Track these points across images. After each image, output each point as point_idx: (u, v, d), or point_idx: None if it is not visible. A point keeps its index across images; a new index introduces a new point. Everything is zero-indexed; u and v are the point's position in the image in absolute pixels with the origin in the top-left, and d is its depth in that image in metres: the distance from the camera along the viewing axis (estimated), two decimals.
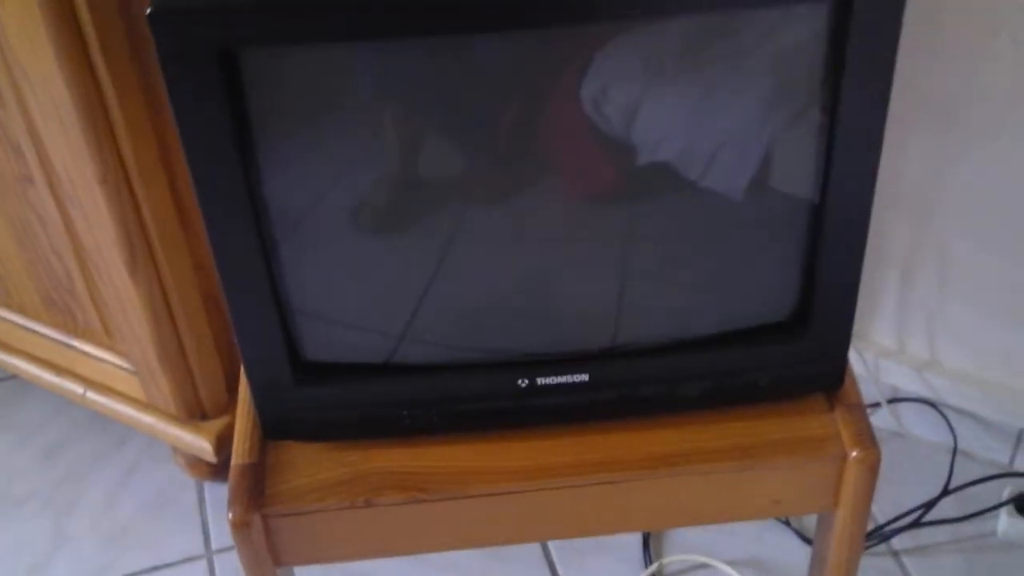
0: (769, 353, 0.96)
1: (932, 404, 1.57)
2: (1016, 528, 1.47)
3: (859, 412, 0.99)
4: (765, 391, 0.98)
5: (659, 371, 0.96)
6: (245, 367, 0.93)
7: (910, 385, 1.57)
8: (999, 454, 1.57)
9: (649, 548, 1.48)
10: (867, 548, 1.48)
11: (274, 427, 0.96)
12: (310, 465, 0.98)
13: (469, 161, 0.87)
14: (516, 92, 0.84)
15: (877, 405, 1.60)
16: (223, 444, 1.44)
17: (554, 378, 0.95)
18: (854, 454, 0.96)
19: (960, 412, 1.56)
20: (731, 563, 1.45)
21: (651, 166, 0.87)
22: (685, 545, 1.48)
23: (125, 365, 1.44)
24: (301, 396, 0.94)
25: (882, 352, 1.57)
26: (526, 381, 0.95)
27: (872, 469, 0.97)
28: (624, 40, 0.82)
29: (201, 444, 1.46)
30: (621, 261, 0.94)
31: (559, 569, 1.48)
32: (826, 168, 0.86)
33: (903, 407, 1.60)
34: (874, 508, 1.51)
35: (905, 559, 1.47)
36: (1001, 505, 1.50)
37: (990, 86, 1.29)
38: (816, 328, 0.94)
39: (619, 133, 0.85)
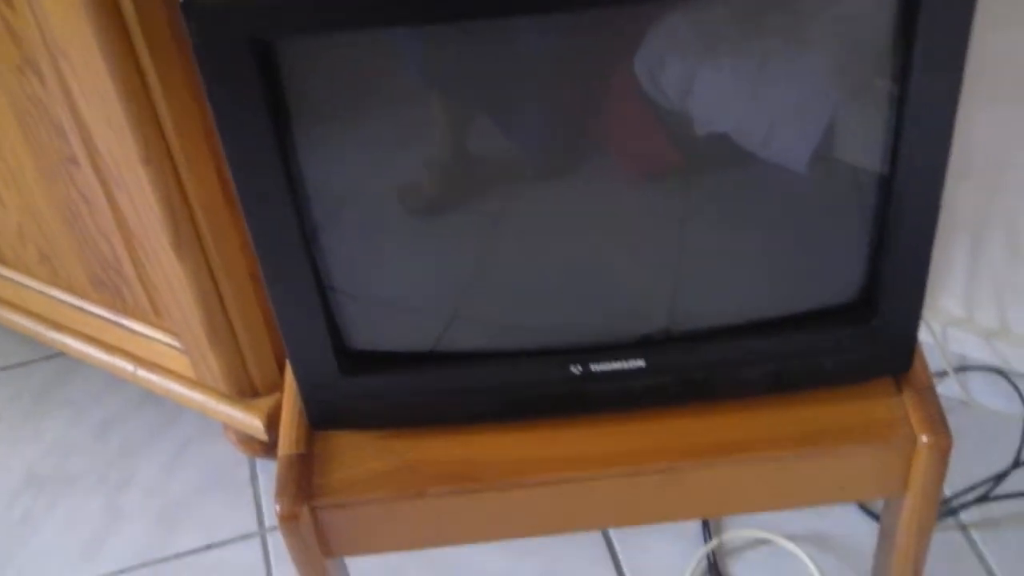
0: (834, 336, 0.92)
1: (1002, 373, 1.52)
2: None
3: (929, 395, 0.95)
4: (830, 375, 0.94)
5: (718, 356, 0.93)
6: (290, 358, 0.90)
7: (979, 354, 1.52)
8: None
9: (708, 525, 1.45)
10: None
11: (320, 417, 0.94)
12: (358, 455, 0.96)
13: (519, 141, 0.84)
14: (565, 69, 0.81)
15: (944, 374, 1.55)
16: (274, 421, 1.42)
17: (609, 364, 0.92)
18: (924, 439, 0.92)
19: None
20: (792, 538, 1.42)
21: (710, 138, 0.83)
22: (745, 521, 1.44)
23: (175, 344, 1.43)
24: (347, 386, 0.92)
25: (950, 320, 1.52)
26: (579, 367, 0.92)
27: (943, 454, 0.93)
28: (679, 10, 0.78)
29: (252, 421, 1.44)
30: (679, 241, 0.90)
31: (617, 547, 1.45)
32: (896, 141, 0.81)
33: (971, 376, 1.55)
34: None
35: (974, 533, 1.43)
36: None
37: None
38: (884, 310, 0.90)
39: (676, 106, 0.82)
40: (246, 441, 1.56)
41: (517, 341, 0.93)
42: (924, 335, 1.52)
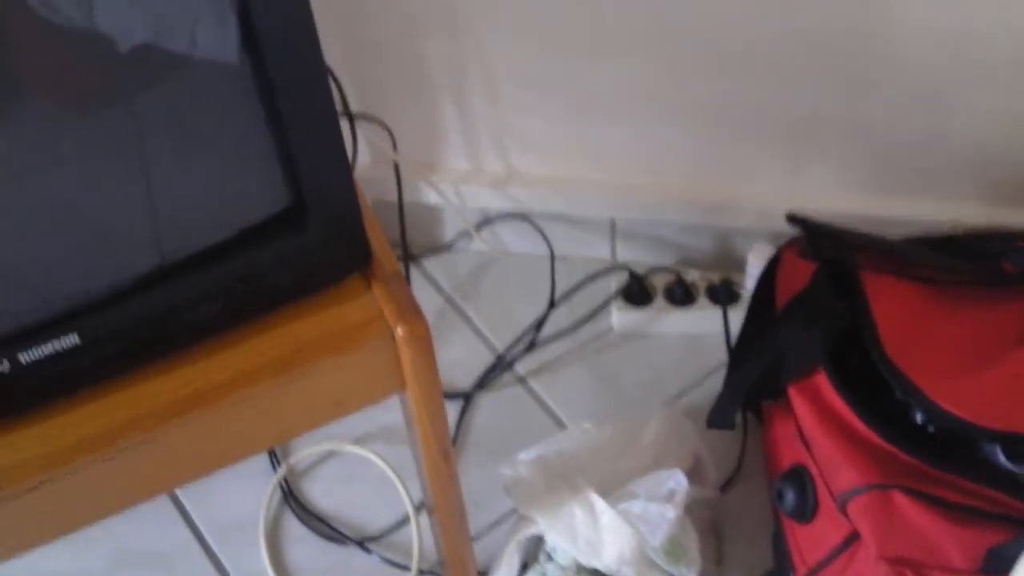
0: (280, 249, 0.85)
1: (522, 216, 1.52)
2: (628, 318, 1.47)
3: (397, 283, 0.90)
4: (289, 290, 0.88)
5: (162, 305, 0.84)
6: None
7: (497, 203, 1.51)
8: (599, 250, 1.54)
9: (275, 453, 1.38)
10: (493, 382, 1.44)
11: None
12: None
13: None
14: None
15: (467, 233, 1.54)
16: None
17: (41, 348, 0.81)
18: (400, 331, 0.88)
19: (551, 218, 1.52)
20: (358, 441, 1.38)
21: (135, 51, 0.74)
22: (309, 438, 1.39)
23: None
24: None
25: (460, 178, 1.51)
26: (5, 362, 0.80)
27: (422, 340, 0.89)
28: None
29: None
30: (113, 178, 0.80)
31: (186, 504, 1.37)
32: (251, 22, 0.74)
33: (497, 227, 1.55)
34: (492, 337, 1.46)
35: (532, 382, 1.44)
36: (610, 300, 1.48)
37: None
38: (315, 205, 0.83)
39: (85, 25, 0.72)
40: None
41: None
42: (437, 198, 1.50)
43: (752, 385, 1.16)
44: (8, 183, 0.76)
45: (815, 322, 1.12)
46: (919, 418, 1.05)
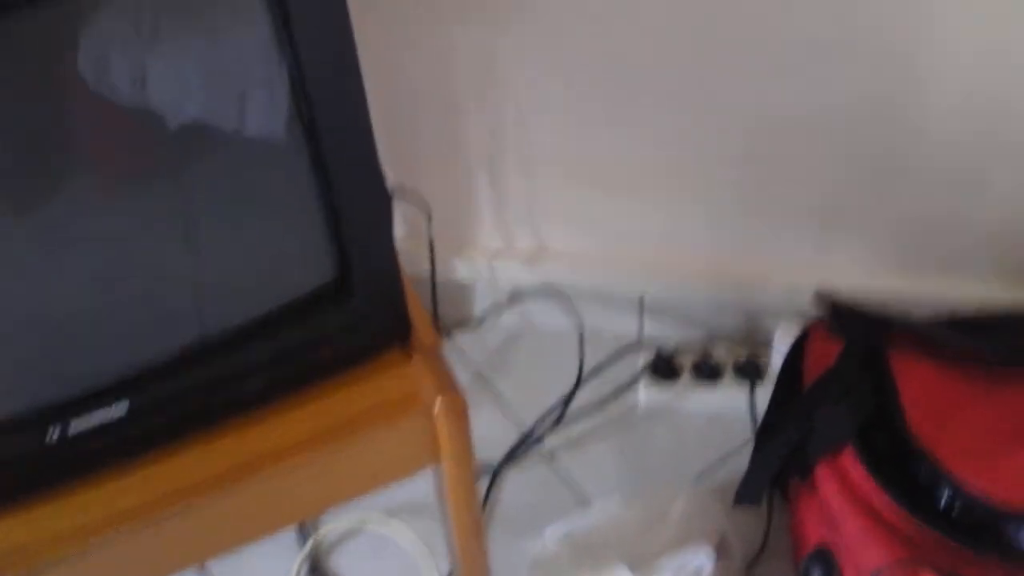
0: (324, 323, 0.88)
1: (552, 292, 1.54)
2: (655, 394, 1.48)
3: (436, 357, 0.93)
4: (332, 364, 0.90)
5: (210, 378, 0.86)
6: None
7: (528, 279, 1.54)
8: (627, 326, 1.56)
9: (304, 526, 1.39)
10: (521, 457, 1.45)
11: None
12: None
13: None
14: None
15: (501, 307, 1.56)
16: None
17: (89, 417, 0.83)
18: (438, 404, 0.90)
19: (581, 293, 1.54)
20: (388, 514, 1.39)
21: (184, 128, 0.77)
22: (335, 512, 1.40)
23: None
24: None
25: (492, 254, 1.53)
26: (57, 430, 0.83)
27: (459, 415, 0.91)
28: (105, 7, 0.71)
29: None
30: (163, 253, 0.83)
31: (214, 570, 1.37)
32: (305, 102, 0.77)
33: (527, 303, 1.57)
34: (520, 412, 1.48)
35: (559, 457, 1.45)
36: (638, 376, 1.49)
37: None
38: (359, 283, 0.86)
39: (136, 101, 0.76)
40: None
41: None
42: (470, 273, 1.53)
43: (779, 462, 1.17)
44: (60, 252, 0.79)
45: (843, 400, 1.13)
46: (945, 497, 1.06)
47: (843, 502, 1.08)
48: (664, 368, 1.49)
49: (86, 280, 0.81)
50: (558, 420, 1.47)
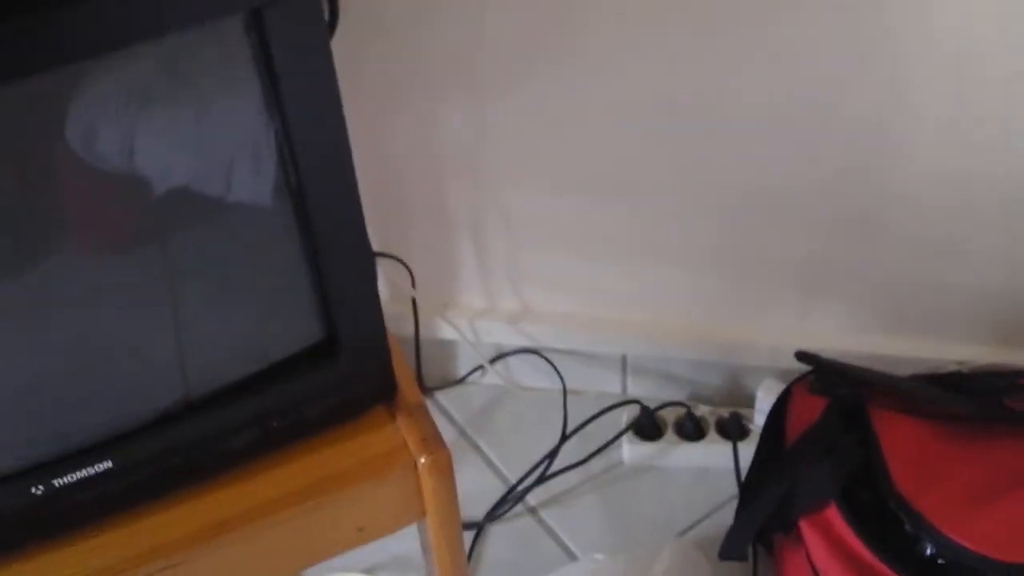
0: (310, 381, 0.89)
1: (535, 351, 1.55)
2: (639, 452, 1.48)
3: (420, 414, 0.93)
4: (318, 421, 0.90)
5: (195, 434, 0.86)
6: None
7: (511, 339, 1.55)
8: (610, 384, 1.57)
9: None
10: (504, 514, 1.45)
11: None
12: None
13: None
14: None
15: (482, 367, 1.57)
16: None
17: (72, 475, 0.83)
18: (422, 460, 0.90)
19: (563, 353, 1.55)
20: (370, 571, 1.38)
21: (170, 195, 0.78)
22: (319, 569, 1.39)
23: None
24: None
25: (476, 314, 1.54)
26: (40, 487, 0.83)
27: (444, 471, 0.91)
28: (91, 78, 0.71)
29: None
30: (148, 316, 0.83)
31: None
32: (293, 167, 0.78)
33: (511, 362, 1.58)
34: (504, 469, 1.48)
35: (543, 513, 1.45)
36: (621, 434, 1.50)
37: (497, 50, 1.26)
38: (346, 343, 0.87)
39: (123, 170, 0.76)
40: None
41: None
42: (453, 333, 1.53)
43: (764, 517, 1.18)
44: (42, 318, 0.80)
45: (826, 456, 1.14)
46: (929, 550, 1.07)
47: (828, 555, 1.09)
48: (648, 426, 1.49)
49: (71, 343, 0.82)
50: (542, 477, 1.47)
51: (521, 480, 1.48)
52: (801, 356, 1.26)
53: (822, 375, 1.24)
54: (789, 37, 1.18)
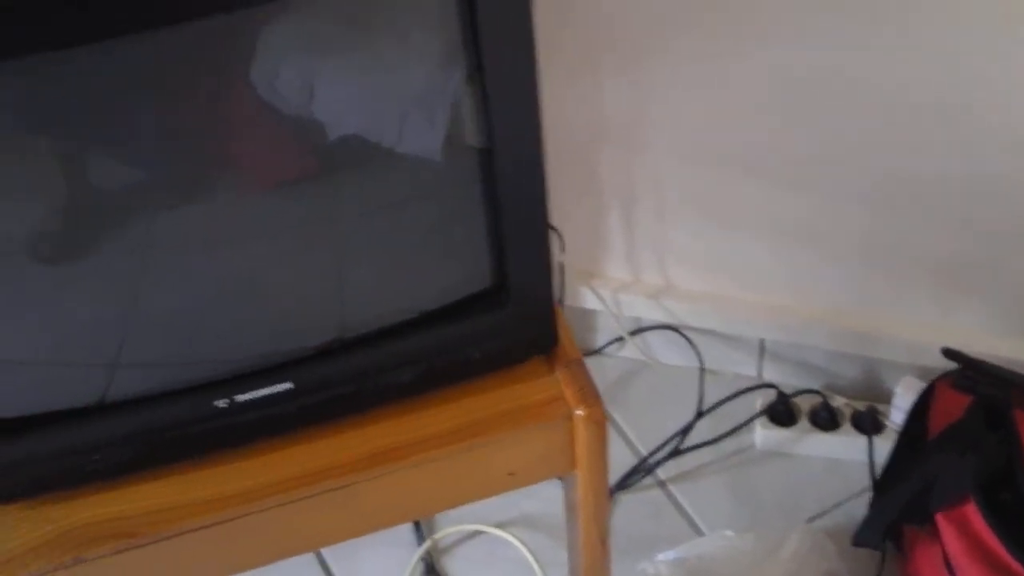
0: (476, 325, 0.92)
1: (674, 328, 1.57)
2: (771, 437, 1.50)
3: (579, 369, 0.96)
4: (480, 365, 0.94)
5: (367, 365, 0.91)
6: None
7: (651, 314, 1.57)
8: (746, 367, 1.59)
9: (420, 526, 1.44)
10: (635, 484, 1.48)
11: None
12: (8, 530, 0.89)
13: (144, 168, 0.79)
14: (175, 88, 0.76)
15: (621, 339, 1.59)
16: None
17: (254, 392, 0.89)
18: (579, 412, 0.93)
19: (702, 332, 1.57)
20: (503, 525, 1.43)
21: (343, 140, 0.82)
22: (454, 516, 1.44)
23: None
24: None
25: (619, 286, 1.57)
26: (225, 401, 0.88)
27: (599, 424, 0.94)
28: (283, 15, 0.75)
29: None
30: (323, 251, 0.88)
31: (331, 564, 1.42)
32: (488, 126, 0.81)
33: (649, 336, 1.60)
34: (636, 441, 1.51)
35: (672, 487, 1.48)
36: (755, 417, 1.51)
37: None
38: (516, 292, 0.90)
39: (301, 112, 0.80)
40: None
41: (156, 384, 0.88)
42: (596, 303, 1.56)
43: (901, 507, 1.18)
44: (225, 247, 0.85)
45: (968, 452, 1.14)
46: None
47: (964, 552, 1.09)
48: (782, 412, 1.50)
49: (253, 272, 0.87)
50: (674, 452, 1.50)
51: (652, 453, 1.50)
52: (948, 353, 1.26)
53: (969, 372, 1.24)
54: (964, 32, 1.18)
